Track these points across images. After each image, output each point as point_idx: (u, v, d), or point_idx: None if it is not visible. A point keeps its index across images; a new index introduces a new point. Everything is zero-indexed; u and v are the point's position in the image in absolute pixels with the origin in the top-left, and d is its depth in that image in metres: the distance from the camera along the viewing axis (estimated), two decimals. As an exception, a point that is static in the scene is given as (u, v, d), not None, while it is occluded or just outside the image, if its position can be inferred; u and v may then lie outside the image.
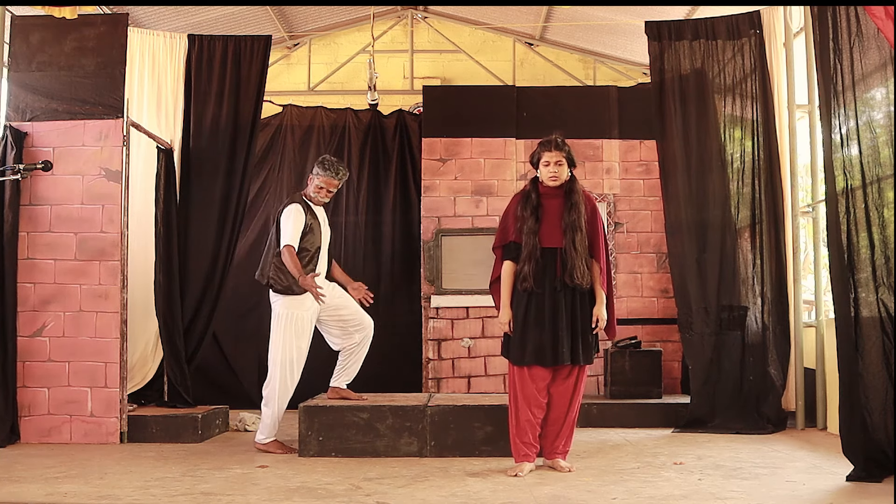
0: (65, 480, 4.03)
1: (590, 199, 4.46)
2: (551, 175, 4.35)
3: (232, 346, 7.36)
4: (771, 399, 5.73)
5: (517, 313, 4.32)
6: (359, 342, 5.13)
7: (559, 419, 4.35)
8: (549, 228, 4.31)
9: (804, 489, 3.83)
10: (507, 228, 4.42)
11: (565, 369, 4.32)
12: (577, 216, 4.30)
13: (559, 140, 4.41)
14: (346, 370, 5.17)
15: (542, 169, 4.39)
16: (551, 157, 4.37)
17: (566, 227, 4.28)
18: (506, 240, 4.41)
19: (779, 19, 6.03)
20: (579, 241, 4.27)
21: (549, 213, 4.33)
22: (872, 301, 4.02)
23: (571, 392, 4.34)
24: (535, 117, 7.22)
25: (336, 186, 5.09)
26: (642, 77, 8.20)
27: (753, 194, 5.97)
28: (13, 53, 5.56)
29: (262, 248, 7.48)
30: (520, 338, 4.29)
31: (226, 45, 6.20)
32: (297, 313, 4.97)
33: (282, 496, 3.70)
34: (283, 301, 4.99)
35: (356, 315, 5.11)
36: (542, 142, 4.46)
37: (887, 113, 4.10)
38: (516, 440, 4.31)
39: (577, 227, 4.28)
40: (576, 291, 4.29)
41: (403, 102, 8.21)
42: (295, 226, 4.92)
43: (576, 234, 4.27)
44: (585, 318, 4.31)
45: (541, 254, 4.28)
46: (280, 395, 4.97)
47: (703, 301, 5.95)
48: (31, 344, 5.32)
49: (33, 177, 5.34)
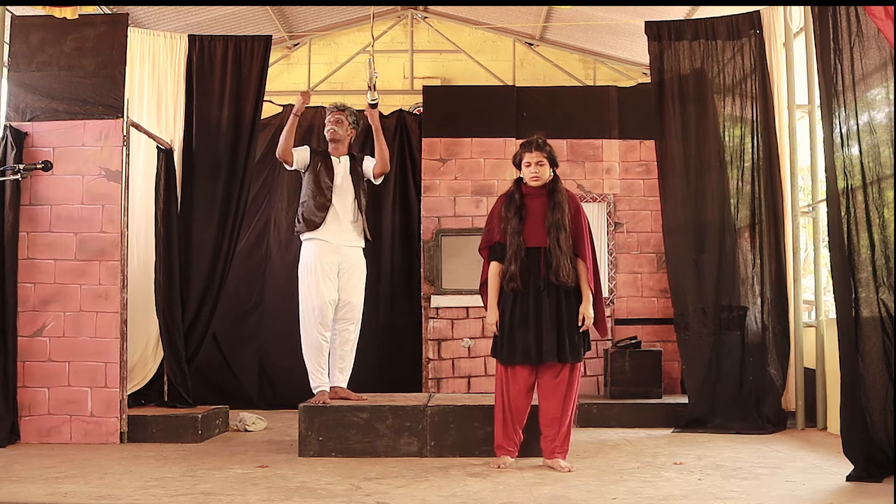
0: (65, 480, 4.03)
1: (573, 198, 4.50)
2: (533, 175, 4.42)
3: (232, 347, 7.36)
4: (771, 399, 5.73)
5: (504, 313, 4.39)
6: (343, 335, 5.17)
7: (555, 420, 4.36)
8: (532, 228, 4.37)
9: (804, 489, 3.83)
10: (491, 230, 4.50)
11: (554, 368, 4.35)
12: (560, 215, 4.35)
13: (540, 140, 4.47)
14: (339, 368, 5.21)
15: (524, 169, 4.47)
16: (532, 158, 4.43)
17: (550, 226, 4.33)
18: (491, 241, 4.49)
19: (779, 19, 6.03)
20: (563, 240, 4.31)
21: (533, 213, 4.39)
22: (873, 301, 4.02)
23: (564, 391, 4.36)
24: (535, 117, 7.23)
25: (337, 115, 5.29)
26: (642, 77, 8.20)
27: (753, 194, 5.97)
28: (13, 53, 5.56)
29: (263, 249, 7.55)
30: (507, 338, 4.36)
31: (226, 45, 6.20)
32: (312, 261, 5.10)
33: (282, 496, 3.70)
34: (303, 249, 5.19)
35: (347, 306, 5.15)
36: (523, 142, 4.54)
37: (887, 113, 4.10)
38: (499, 434, 4.43)
39: (561, 226, 4.33)
40: (561, 290, 4.33)
41: (403, 102, 8.21)
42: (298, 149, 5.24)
43: (560, 232, 4.32)
44: (572, 317, 4.34)
45: (526, 253, 4.33)
46: (307, 346, 5.13)
47: (700, 301, 5.95)
48: (31, 344, 5.32)
49: (33, 177, 5.34)
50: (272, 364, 7.37)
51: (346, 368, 5.25)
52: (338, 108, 5.35)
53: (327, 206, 5.14)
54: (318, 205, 5.13)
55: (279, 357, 7.28)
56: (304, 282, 5.15)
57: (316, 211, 5.13)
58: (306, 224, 5.15)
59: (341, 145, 5.31)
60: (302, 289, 5.17)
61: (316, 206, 5.13)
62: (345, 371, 5.25)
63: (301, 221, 5.18)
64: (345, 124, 5.31)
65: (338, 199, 5.17)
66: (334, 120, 5.31)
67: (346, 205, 5.20)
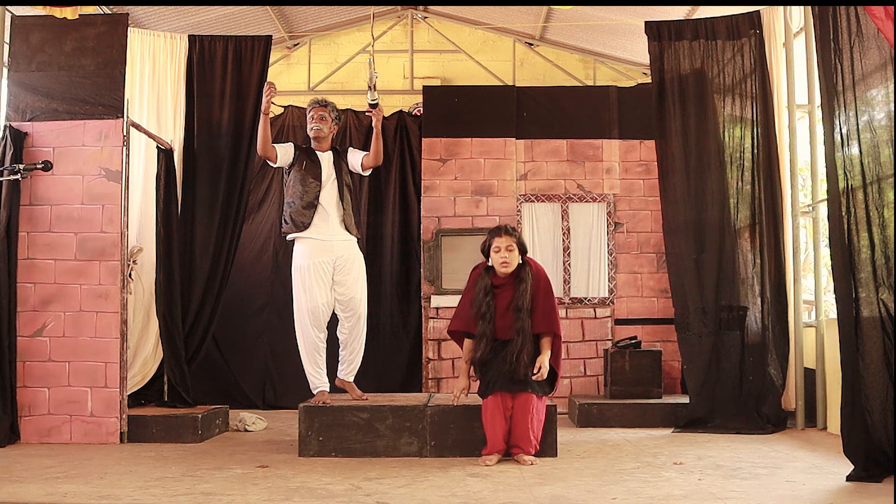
0: (65, 480, 4.03)
1: (538, 270, 4.71)
2: (502, 261, 4.60)
3: (232, 347, 7.36)
4: (771, 399, 5.73)
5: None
6: (348, 331, 5.17)
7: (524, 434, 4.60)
8: (502, 322, 4.61)
9: (804, 489, 3.83)
10: (464, 315, 4.74)
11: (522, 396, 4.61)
12: (523, 301, 4.57)
13: (509, 227, 4.67)
14: (347, 361, 5.21)
15: (493, 255, 4.63)
16: (502, 243, 4.61)
17: (515, 316, 4.55)
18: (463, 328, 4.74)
19: (779, 19, 6.03)
20: (527, 328, 4.53)
21: (502, 304, 4.62)
22: (873, 301, 4.02)
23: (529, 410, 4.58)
24: (535, 117, 7.23)
25: (320, 112, 5.23)
26: (642, 77, 8.21)
27: (753, 194, 5.97)
28: (13, 53, 5.56)
29: (269, 251, 7.54)
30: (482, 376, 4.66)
31: (226, 45, 6.20)
32: (304, 263, 5.10)
33: (282, 496, 3.70)
34: (294, 250, 5.20)
35: (350, 302, 5.14)
36: (492, 229, 4.71)
37: (887, 113, 4.10)
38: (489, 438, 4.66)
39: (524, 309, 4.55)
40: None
41: (403, 102, 8.22)
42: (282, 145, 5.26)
43: (524, 322, 4.54)
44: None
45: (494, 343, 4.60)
46: (303, 348, 5.13)
47: (700, 301, 5.95)
48: (31, 344, 5.32)
49: (33, 177, 5.34)
50: (279, 365, 7.37)
51: (353, 361, 5.23)
52: (320, 105, 5.28)
53: (315, 205, 5.11)
54: (306, 204, 5.10)
55: (286, 358, 7.27)
56: (297, 284, 5.13)
57: (303, 210, 5.10)
58: (294, 225, 5.12)
59: (325, 141, 5.27)
60: (295, 291, 5.15)
61: (303, 206, 5.10)
62: (352, 364, 5.23)
63: (288, 222, 5.15)
64: (328, 121, 5.26)
65: (324, 196, 5.14)
66: (318, 117, 5.25)
67: (333, 200, 5.16)
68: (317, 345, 5.10)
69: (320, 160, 5.20)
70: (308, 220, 5.09)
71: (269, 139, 5.14)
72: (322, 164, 5.19)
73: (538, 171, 7.21)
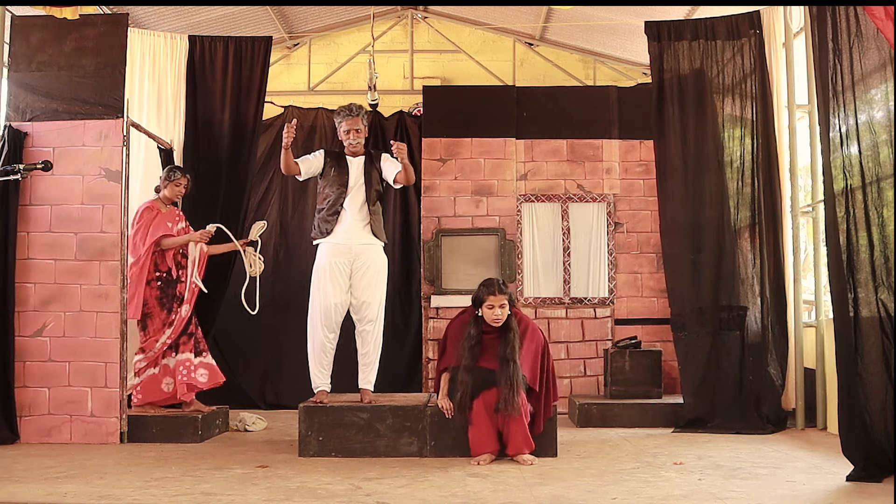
0: (65, 480, 4.03)
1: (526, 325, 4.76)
2: (495, 318, 4.68)
3: (232, 347, 7.35)
4: (771, 399, 5.73)
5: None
6: (361, 336, 5.16)
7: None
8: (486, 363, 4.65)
9: (804, 489, 3.83)
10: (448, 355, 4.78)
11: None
12: (511, 350, 4.60)
13: (502, 284, 4.73)
14: (364, 365, 5.18)
15: (486, 310, 4.69)
16: (496, 301, 4.67)
17: (501, 362, 4.59)
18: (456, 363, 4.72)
19: (778, 19, 6.03)
20: (514, 373, 4.54)
21: (487, 350, 4.68)
22: (872, 301, 4.02)
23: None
24: (535, 117, 7.23)
25: (358, 123, 5.19)
26: (642, 77, 8.20)
27: (753, 194, 5.97)
28: (13, 53, 5.56)
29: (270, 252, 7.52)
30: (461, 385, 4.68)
31: (227, 45, 6.21)
32: (323, 262, 5.14)
33: (282, 496, 3.70)
34: (318, 252, 5.22)
35: (362, 307, 5.11)
36: (484, 284, 4.75)
37: (887, 113, 4.10)
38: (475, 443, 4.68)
39: (511, 360, 4.58)
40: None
41: (403, 102, 8.21)
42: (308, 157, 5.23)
43: (510, 367, 4.56)
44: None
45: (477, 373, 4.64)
46: (311, 345, 5.15)
47: (696, 301, 5.95)
48: (31, 344, 5.32)
49: (33, 177, 5.34)
50: (279, 365, 7.36)
51: (369, 366, 5.18)
52: (353, 115, 5.17)
53: (339, 211, 5.13)
54: (331, 210, 5.13)
55: (286, 358, 7.27)
56: (314, 282, 5.16)
57: (328, 217, 5.14)
58: (320, 231, 5.16)
59: (359, 147, 5.25)
60: (312, 289, 5.18)
61: (328, 213, 5.14)
62: (366, 372, 5.18)
63: (315, 228, 5.21)
64: (363, 131, 5.24)
65: (350, 202, 5.14)
66: (354, 131, 5.17)
67: (358, 204, 5.16)
68: (325, 345, 5.10)
69: (349, 166, 5.19)
70: (332, 226, 5.12)
71: (292, 164, 5.10)
72: (351, 169, 5.18)
73: (538, 171, 7.21)
